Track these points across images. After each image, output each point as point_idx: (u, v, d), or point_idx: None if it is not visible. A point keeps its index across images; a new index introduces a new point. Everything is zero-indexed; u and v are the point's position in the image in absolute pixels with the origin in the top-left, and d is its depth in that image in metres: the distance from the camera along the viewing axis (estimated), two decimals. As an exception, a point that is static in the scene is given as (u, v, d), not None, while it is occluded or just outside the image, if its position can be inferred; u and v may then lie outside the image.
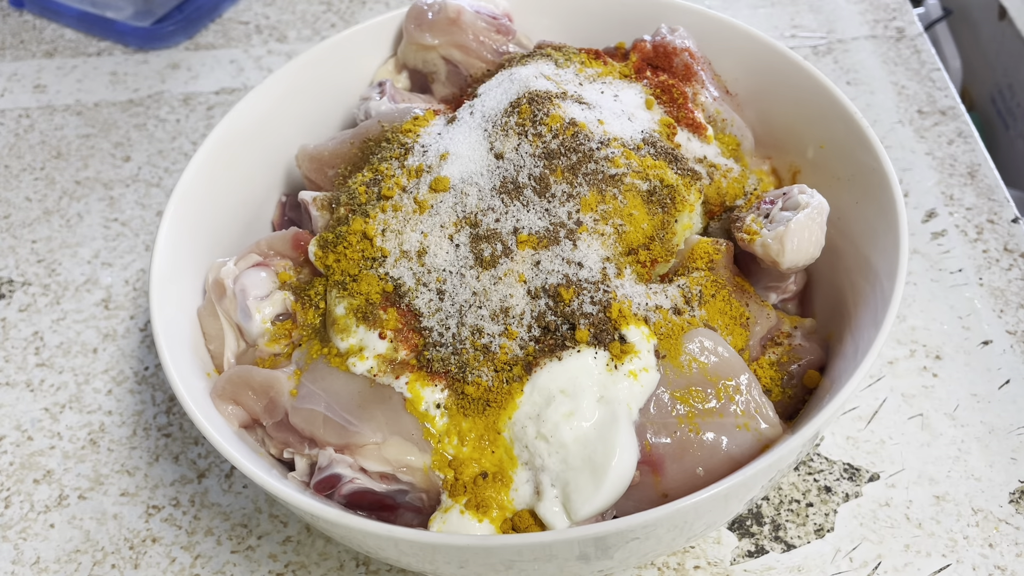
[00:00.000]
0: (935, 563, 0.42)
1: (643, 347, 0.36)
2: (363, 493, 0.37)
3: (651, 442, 0.35)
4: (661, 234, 0.39)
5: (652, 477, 0.35)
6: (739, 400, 0.36)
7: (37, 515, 0.46)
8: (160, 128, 0.66)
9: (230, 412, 0.39)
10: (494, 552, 0.32)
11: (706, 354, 0.37)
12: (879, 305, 0.37)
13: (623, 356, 0.36)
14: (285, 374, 0.39)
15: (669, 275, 0.40)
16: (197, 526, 0.46)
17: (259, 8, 0.76)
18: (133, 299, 0.56)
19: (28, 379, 0.52)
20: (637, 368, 0.36)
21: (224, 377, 0.39)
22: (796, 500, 0.45)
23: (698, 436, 0.36)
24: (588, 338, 0.36)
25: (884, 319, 0.36)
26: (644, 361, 0.36)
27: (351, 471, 0.37)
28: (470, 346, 0.37)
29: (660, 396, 0.36)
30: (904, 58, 0.67)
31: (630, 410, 0.36)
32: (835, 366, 0.38)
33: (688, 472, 0.35)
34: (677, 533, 0.35)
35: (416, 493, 0.37)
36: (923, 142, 0.61)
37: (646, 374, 0.36)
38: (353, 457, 0.37)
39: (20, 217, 0.61)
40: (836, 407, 0.34)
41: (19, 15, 0.77)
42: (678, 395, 0.36)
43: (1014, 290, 0.52)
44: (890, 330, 0.36)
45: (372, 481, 0.37)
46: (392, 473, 0.37)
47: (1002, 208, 0.56)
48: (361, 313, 0.38)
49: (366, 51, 0.51)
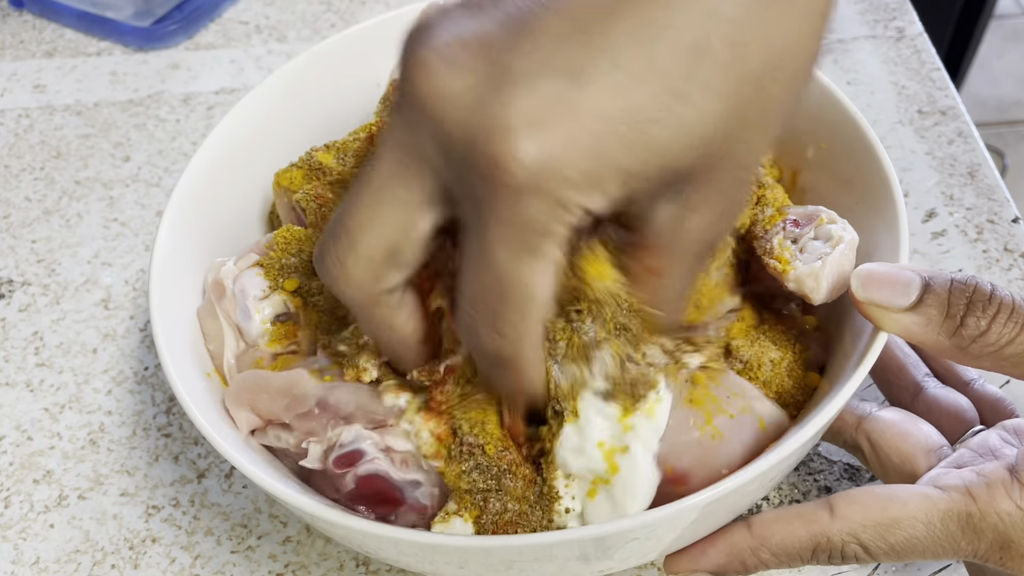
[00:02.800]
0: (935, 563, 0.42)
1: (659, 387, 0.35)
2: (375, 478, 0.37)
3: (674, 466, 0.34)
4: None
5: (676, 488, 0.34)
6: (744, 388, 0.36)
7: (37, 515, 0.46)
8: (160, 128, 0.66)
9: (244, 419, 0.39)
10: (494, 552, 0.32)
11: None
12: (879, 305, 0.37)
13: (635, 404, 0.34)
14: (306, 369, 0.39)
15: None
16: (197, 526, 0.46)
17: (259, 8, 0.76)
18: (133, 299, 0.56)
19: (28, 379, 0.52)
20: (652, 403, 0.34)
21: (237, 384, 0.39)
22: (796, 500, 0.45)
23: (718, 440, 0.34)
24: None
25: (884, 319, 0.36)
26: (659, 394, 0.35)
27: (374, 450, 0.37)
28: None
29: (675, 413, 0.34)
30: (904, 58, 0.67)
31: (647, 447, 0.34)
32: (835, 366, 0.38)
33: (714, 476, 0.34)
34: (678, 533, 0.35)
35: (428, 488, 0.37)
36: (923, 142, 0.61)
37: (660, 405, 0.34)
38: (381, 436, 0.37)
39: (20, 217, 0.61)
40: (836, 407, 0.34)
41: (19, 15, 0.77)
42: (693, 401, 0.35)
43: (1014, 290, 0.52)
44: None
45: (391, 465, 0.37)
46: (415, 458, 0.36)
47: (1002, 208, 0.56)
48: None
49: (367, 51, 0.51)
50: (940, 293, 0.33)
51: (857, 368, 0.34)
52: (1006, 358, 0.33)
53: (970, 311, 0.33)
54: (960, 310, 0.33)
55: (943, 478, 0.35)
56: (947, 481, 0.35)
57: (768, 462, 0.32)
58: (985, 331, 0.33)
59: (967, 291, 0.33)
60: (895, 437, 0.39)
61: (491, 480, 0.35)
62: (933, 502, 0.34)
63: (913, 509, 0.34)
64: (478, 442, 0.35)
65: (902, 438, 0.39)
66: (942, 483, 0.35)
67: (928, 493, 0.35)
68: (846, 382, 0.34)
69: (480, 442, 0.35)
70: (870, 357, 0.34)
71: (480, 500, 0.35)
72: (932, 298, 0.33)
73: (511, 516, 0.35)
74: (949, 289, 0.33)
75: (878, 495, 0.35)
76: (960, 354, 0.34)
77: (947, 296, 0.33)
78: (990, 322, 0.33)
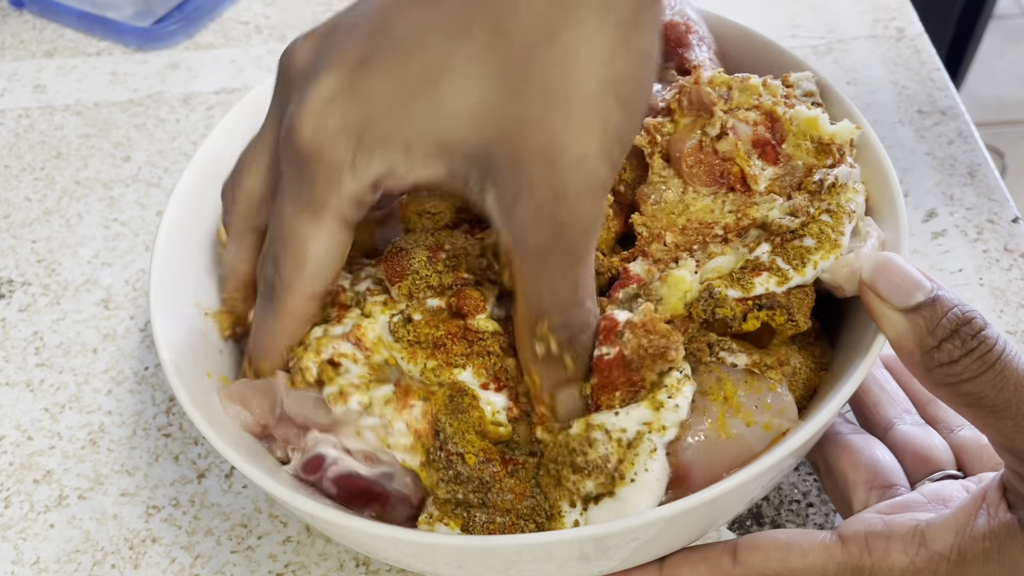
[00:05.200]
0: None
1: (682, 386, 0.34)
2: (350, 478, 0.36)
3: (679, 459, 0.33)
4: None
5: (677, 488, 0.34)
6: (767, 397, 0.35)
7: (37, 515, 0.46)
8: (160, 128, 0.66)
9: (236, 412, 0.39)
10: (493, 552, 0.32)
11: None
12: (879, 305, 0.37)
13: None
14: (285, 375, 0.39)
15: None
16: (197, 526, 0.46)
17: (259, 8, 0.76)
18: (133, 299, 0.56)
19: (28, 379, 0.52)
20: (673, 393, 0.34)
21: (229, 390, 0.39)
22: (796, 500, 0.45)
23: (727, 438, 0.34)
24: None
25: (884, 319, 0.35)
26: (679, 384, 0.34)
27: (335, 451, 0.36)
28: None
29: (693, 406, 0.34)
30: (904, 58, 0.67)
31: (664, 435, 0.33)
32: (835, 365, 0.38)
33: (716, 477, 0.33)
34: (678, 534, 0.35)
35: (402, 478, 0.37)
36: (923, 142, 0.61)
37: (681, 396, 0.34)
38: (336, 437, 0.37)
39: (20, 217, 0.61)
40: (836, 407, 0.34)
41: (19, 15, 0.77)
42: (708, 394, 0.34)
43: (1014, 290, 0.52)
44: (890, 330, 0.36)
45: (356, 463, 0.36)
46: (373, 453, 0.36)
47: (1002, 208, 0.56)
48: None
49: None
50: (937, 310, 0.32)
51: (855, 371, 0.34)
52: (962, 394, 0.32)
53: (951, 337, 0.32)
54: (944, 333, 0.32)
55: (854, 524, 0.35)
56: (852, 529, 0.35)
57: (767, 463, 0.32)
58: (954, 361, 0.32)
59: (961, 319, 0.32)
60: (846, 464, 0.39)
61: (473, 494, 0.34)
62: (831, 554, 0.34)
63: (811, 561, 0.34)
64: (457, 450, 0.34)
65: (851, 467, 0.39)
66: (849, 530, 0.35)
67: (828, 544, 0.34)
68: (844, 385, 0.34)
69: (460, 450, 0.34)
70: (868, 360, 0.34)
71: (463, 512, 0.35)
72: (928, 311, 0.32)
73: (499, 527, 0.35)
74: (947, 311, 0.33)
75: (780, 544, 0.35)
76: (925, 375, 0.33)
77: (941, 316, 0.32)
78: (963, 355, 0.32)
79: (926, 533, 0.33)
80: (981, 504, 0.33)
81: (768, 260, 0.36)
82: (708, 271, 0.36)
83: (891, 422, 0.41)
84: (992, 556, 0.32)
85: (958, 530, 0.33)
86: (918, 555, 0.33)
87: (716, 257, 0.36)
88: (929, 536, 0.33)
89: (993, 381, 0.31)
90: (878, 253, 0.35)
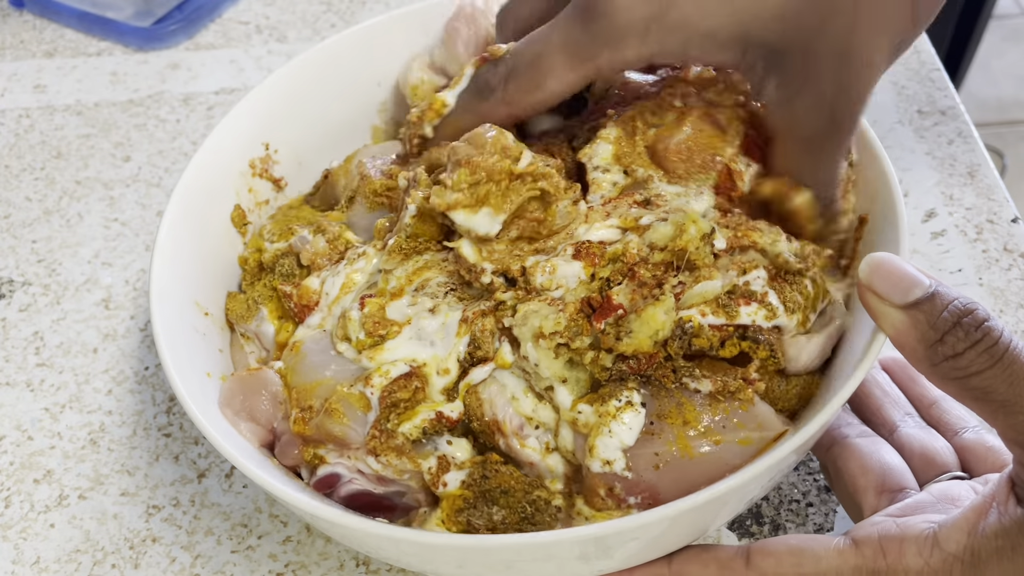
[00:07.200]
0: None
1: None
2: (361, 495, 0.37)
3: (642, 479, 0.33)
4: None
5: (650, 505, 0.34)
6: (736, 414, 0.34)
7: (37, 515, 0.46)
8: (160, 128, 0.66)
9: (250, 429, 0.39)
10: (493, 552, 0.32)
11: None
12: (879, 305, 0.37)
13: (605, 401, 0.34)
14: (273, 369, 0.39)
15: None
16: (197, 526, 0.46)
17: (259, 8, 0.76)
18: (133, 299, 0.56)
19: (28, 379, 0.52)
20: (622, 404, 0.34)
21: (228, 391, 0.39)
22: (796, 500, 0.45)
23: (692, 458, 0.33)
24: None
25: (884, 319, 0.35)
26: (628, 395, 0.34)
27: (349, 472, 0.37)
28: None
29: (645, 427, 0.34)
30: (904, 58, 0.67)
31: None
32: (835, 366, 0.38)
33: (692, 491, 0.33)
34: (677, 534, 0.35)
35: (413, 494, 0.37)
36: (923, 142, 0.61)
37: (632, 411, 0.34)
38: (351, 460, 0.37)
39: (20, 217, 0.61)
40: (836, 407, 0.34)
41: (19, 15, 0.77)
42: (666, 417, 0.34)
43: (1014, 290, 0.52)
44: (890, 330, 0.36)
45: (369, 483, 0.37)
46: (390, 477, 0.37)
47: (1002, 208, 0.56)
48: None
49: (367, 51, 0.51)
50: (937, 304, 0.32)
51: (854, 373, 0.34)
52: (970, 388, 0.32)
53: (954, 330, 0.32)
54: (946, 326, 0.32)
55: (866, 528, 0.35)
56: (865, 532, 0.35)
57: (765, 463, 0.32)
58: (959, 354, 0.32)
59: (963, 312, 0.32)
60: (855, 469, 0.39)
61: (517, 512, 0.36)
62: (844, 558, 0.34)
63: (825, 566, 0.34)
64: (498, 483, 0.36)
65: (861, 471, 0.39)
66: (862, 534, 0.35)
67: (842, 548, 0.34)
68: (846, 382, 0.34)
69: (499, 485, 0.36)
70: (867, 363, 0.34)
71: (464, 518, 0.36)
72: (928, 306, 0.32)
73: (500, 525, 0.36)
74: (947, 304, 0.32)
75: (794, 548, 0.35)
76: (931, 370, 0.33)
77: (942, 309, 0.32)
78: (968, 347, 0.32)
79: (938, 534, 0.33)
80: (991, 502, 0.33)
81: (760, 291, 0.35)
82: (693, 295, 0.35)
83: (895, 425, 0.41)
84: (1006, 554, 0.32)
85: (970, 530, 0.33)
86: (932, 557, 0.33)
87: (704, 281, 0.35)
88: (942, 537, 0.33)
89: (1003, 375, 0.31)
90: (874, 254, 0.35)
